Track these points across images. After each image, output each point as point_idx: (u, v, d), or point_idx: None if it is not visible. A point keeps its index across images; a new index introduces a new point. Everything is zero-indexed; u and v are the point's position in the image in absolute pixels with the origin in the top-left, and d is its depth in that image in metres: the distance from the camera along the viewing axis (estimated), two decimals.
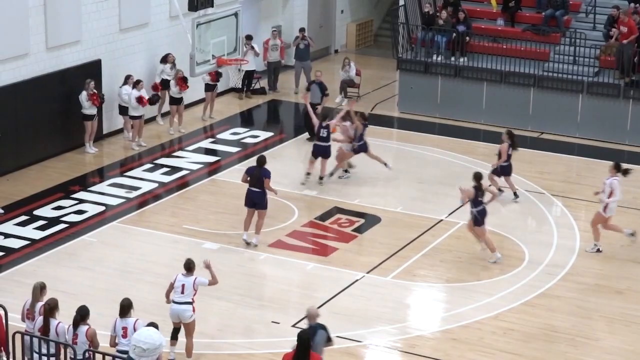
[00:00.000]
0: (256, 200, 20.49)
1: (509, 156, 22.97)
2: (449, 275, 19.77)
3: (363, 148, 24.04)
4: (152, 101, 26.02)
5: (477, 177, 20.36)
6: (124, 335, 14.56)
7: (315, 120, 23.70)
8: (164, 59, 27.28)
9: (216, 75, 27.83)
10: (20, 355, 14.35)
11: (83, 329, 14.28)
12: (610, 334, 17.69)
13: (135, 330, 14.05)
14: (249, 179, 20.53)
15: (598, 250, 20.83)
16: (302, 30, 31.90)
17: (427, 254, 20.62)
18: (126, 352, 11.66)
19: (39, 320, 14.40)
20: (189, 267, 16.23)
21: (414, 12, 30.66)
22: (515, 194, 23.31)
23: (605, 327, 17.94)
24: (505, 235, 21.46)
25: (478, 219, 20.15)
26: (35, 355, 13.97)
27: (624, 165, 21.16)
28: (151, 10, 27.57)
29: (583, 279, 19.61)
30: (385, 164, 24.14)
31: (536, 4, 30.09)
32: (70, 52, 25.41)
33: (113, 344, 14.79)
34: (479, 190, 20.22)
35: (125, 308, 14.75)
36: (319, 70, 28.05)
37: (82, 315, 14.33)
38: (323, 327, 14.70)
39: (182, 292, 16.06)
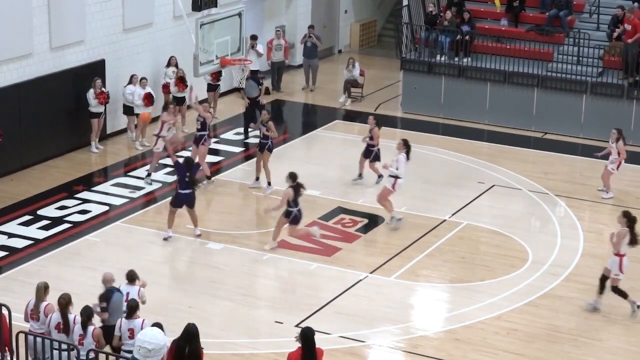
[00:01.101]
0: (187, 200, 20.87)
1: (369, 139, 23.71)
2: (452, 275, 19.77)
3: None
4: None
5: (293, 176, 20.42)
6: (131, 337, 14.58)
7: (208, 115, 23.71)
8: (168, 63, 27.33)
9: (217, 76, 27.85)
10: (23, 355, 14.36)
11: (89, 329, 14.38)
12: (613, 335, 17.68)
13: None
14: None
15: (399, 220, 21.56)
16: (310, 27, 31.94)
17: (431, 254, 20.62)
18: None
19: (55, 316, 14.52)
20: (132, 277, 16.15)
21: (418, 12, 30.67)
22: (379, 176, 23.86)
23: (609, 327, 17.92)
24: (509, 236, 21.46)
25: (298, 218, 20.37)
26: (51, 352, 14.01)
27: (411, 142, 22.08)
28: (155, 10, 27.59)
29: (586, 280, 19.58)
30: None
31: (540, 4, 30.08)
32: (74, 52, 25.44)
33: (118, 343, 14.81)
34: (297, 190, 20.26)
35: (133, 309, 14.78)
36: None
37: (88, 315, 14.44)
38: (119, 290, 15.47)
39: (126, 301, 15.92)
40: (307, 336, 13.48)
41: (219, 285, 19.14)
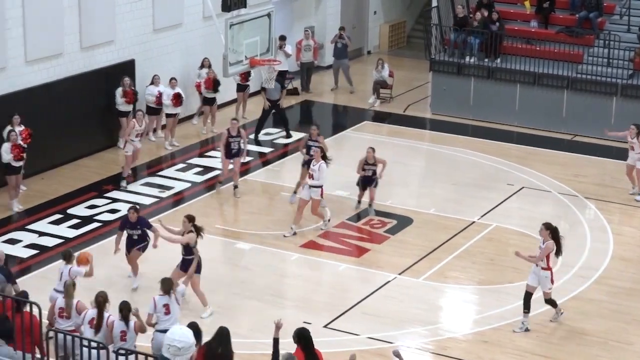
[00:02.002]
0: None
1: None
2: (481, 277, 19.72)
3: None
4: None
5: (191, 218, 18.02)
6: (167, 312, 15.10)
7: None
8: (202, 64, 27.31)
9: (246, 76, 27.89)
10: (53, 353, 14.46)
11: (131, 323, 14.72)
12: None
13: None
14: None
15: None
16: (341, 28, 31.93)
17: (459, 255, 20.58)
18: (167, 330, 11.86)
19: (90, 312, 14.79)
20: (67, 257, 16.68)
21: (447, 13, 30.60)
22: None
23: (639, 331, 17.82)
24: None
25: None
26: (81, 350, 14.16)
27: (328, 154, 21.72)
28: (184, 10, 27.68)
29: (616, 283, 19.51)
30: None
31: (570, 6, 29.94)
32: (104, 52, 25.55)
33: (151, 322, 15.05)
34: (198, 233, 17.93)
35: (168, 285, 15.18)
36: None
37: (129, 309, 14.73)
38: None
39: (60, 280, 16.40)
40: (305, 336, 13.67)
41: (247, 285, 19.17)
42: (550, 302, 17.88)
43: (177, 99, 25.88)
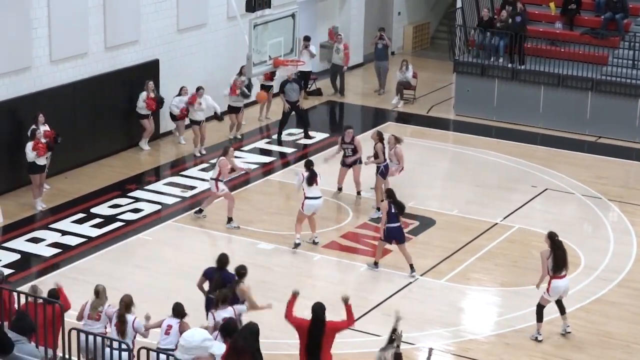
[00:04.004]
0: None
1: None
2: (503, 279, 19.67)
3: None
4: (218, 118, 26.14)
5: None
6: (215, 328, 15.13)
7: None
8: (240, 72, 26.94)
9: (271, 75, 27.88)
10: (75, 352, 14.49)
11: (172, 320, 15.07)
12: None
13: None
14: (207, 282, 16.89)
15: (298, 244, 20.57)
16: (381, 29, 31.84)
17: (482, 257, 20.54)
18: None
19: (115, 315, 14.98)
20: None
21: (472, 14, 30.54)
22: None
23: None
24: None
25: None
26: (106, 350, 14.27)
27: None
28: (209, 11, 27.74)
29: (639, 285, 19.40)
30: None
31: (595, 7, 29.81)
32: (128, 52, 25.64)
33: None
34: None
35: (224, 299, 15.50)
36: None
37: (179, 311, 15.12)
38: None
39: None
40: (315, 311, 14.65)
41: (269, 285, 19.19)
42: (538, 309, 17.36)
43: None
